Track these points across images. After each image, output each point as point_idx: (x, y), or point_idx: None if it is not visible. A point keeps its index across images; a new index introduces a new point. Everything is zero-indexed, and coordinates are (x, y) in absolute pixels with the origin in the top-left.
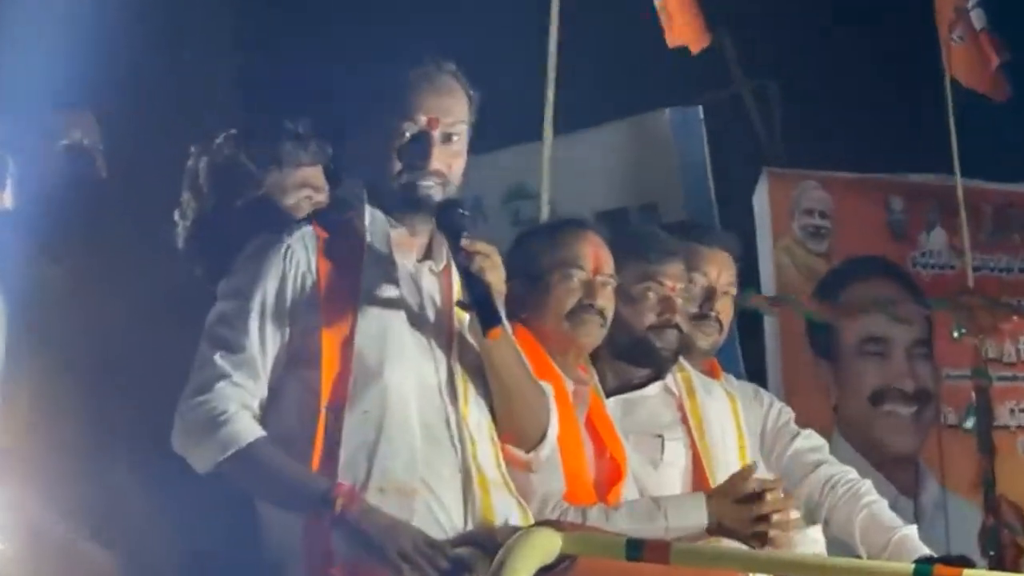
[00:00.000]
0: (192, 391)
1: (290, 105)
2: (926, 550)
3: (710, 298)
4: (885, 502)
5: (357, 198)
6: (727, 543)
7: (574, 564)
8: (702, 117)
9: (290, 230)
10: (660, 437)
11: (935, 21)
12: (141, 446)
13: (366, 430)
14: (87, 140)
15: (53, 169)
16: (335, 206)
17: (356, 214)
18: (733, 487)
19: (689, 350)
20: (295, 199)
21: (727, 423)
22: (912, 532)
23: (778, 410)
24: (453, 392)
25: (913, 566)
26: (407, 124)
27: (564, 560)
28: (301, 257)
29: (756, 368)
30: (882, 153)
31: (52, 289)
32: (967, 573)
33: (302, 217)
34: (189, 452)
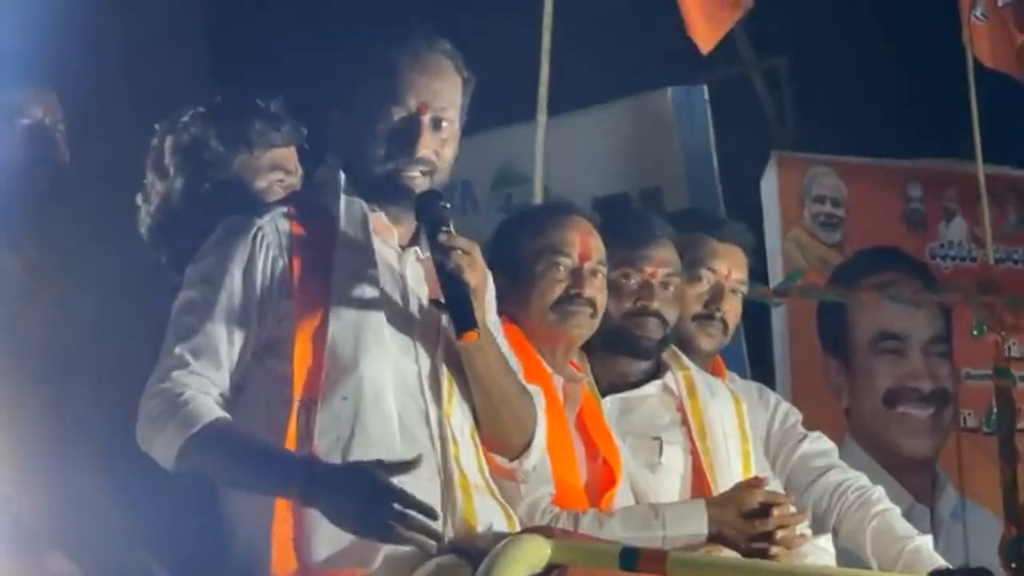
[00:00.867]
0: (151, 382)
1: (264, 83)
2: (942, 561)
3: (716, 297)
4: (898, 510)
5: (333, 180)
6: (728, 553)
7: (564, 574)
8: (707, 97)
9: (260, 212)
10: (658, 440)
11: None
12: (104, 443)
13: (340, 425)
14: (48, 119)
15: (12, 149)
16: (309, 189)
17: (331, 196)
18: (738, 498)
19: (686, 346)
20: (267, 182)
21: (730, 426)
22: (927, 542)
23: (785, 411)
24: (437, 389)
25: None
26: (395, 108)
27: (553, 569)
28: (272, 240)
29: (763, 366)
30: (899, 137)
31: (10, 279)
32: None
33: (274, 200)
34: (151, 444)
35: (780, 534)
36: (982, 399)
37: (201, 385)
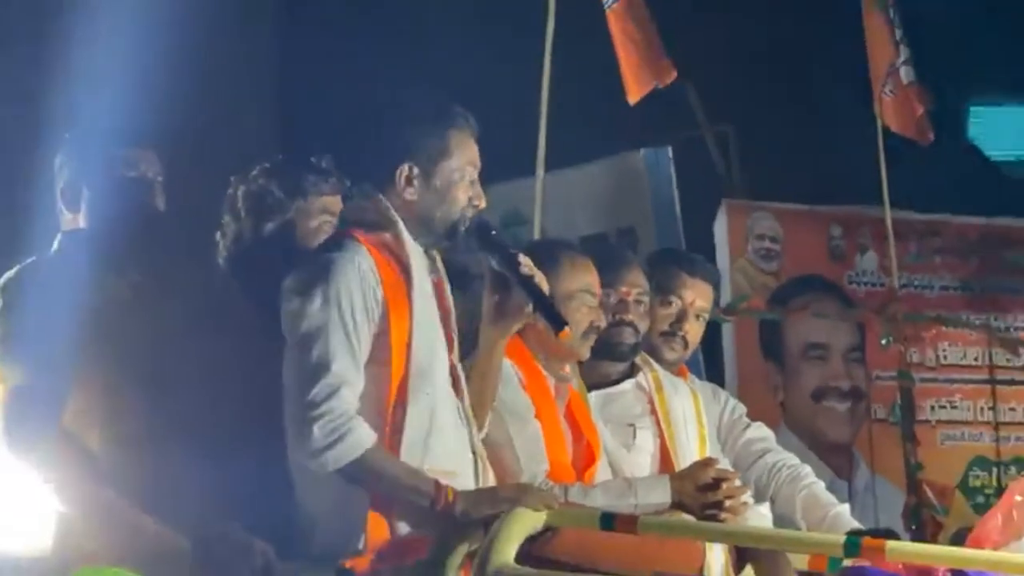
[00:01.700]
0: (313, 398)
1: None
2: (858, 525)
3: (680, 319)
4: (822, 483)
5: (388, 220)
6: (686, 517)
7: (556, 534)
8: (671, 156)
9: (347, 247)
10: (632, 426)
11: (869, 77)
12: (193, 434)
13: (422, 422)
14: (150, 173)
15: (120, 196)
16: (370, 225)
17: (392, 234)
18: (695, 473)
19: (654, 355)
20: (317, 222)
21: (690, 416)
22: (845, 509)
23: (732, 405)
24: (456, 382)
25: (845, 537)
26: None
27: (547, 531)
28: (368, 270)
29: (715, 370)
30: (824, 188)
31: (117, 298)
32: (890, 544)
33: (349, 236)
34: (316, 457)
35: (728, 503)
36: (889, 396)
37: (353, 403)
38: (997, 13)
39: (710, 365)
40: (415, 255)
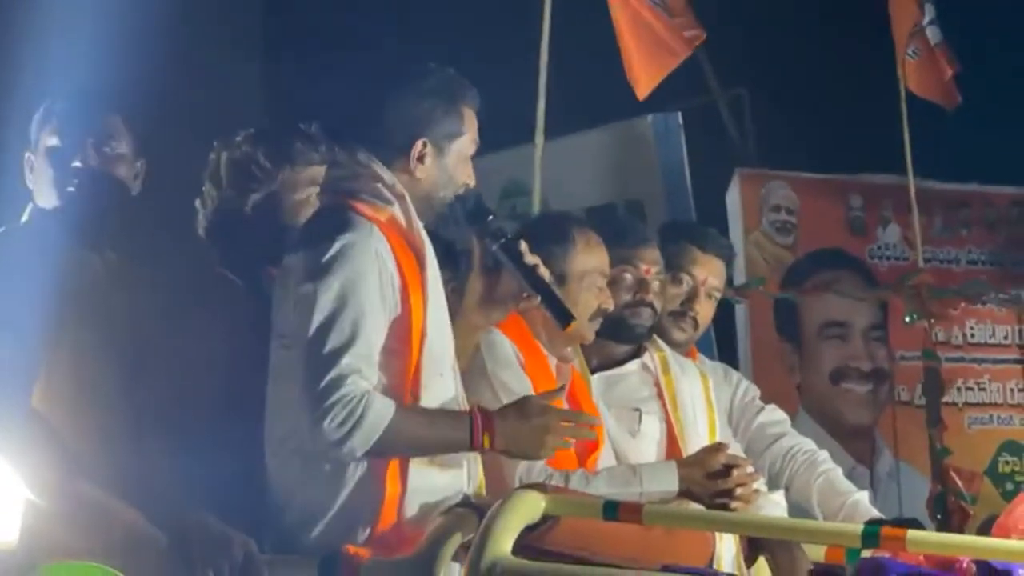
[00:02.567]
0: (325, 386)
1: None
2: (877, 513)
3: (691, 299)
4: (840, 470)
5: (395, 194)
6: (694, 506)
7: (556, 523)
8: (681, 123)
9: (360, 228)
10: (638, 411)
11: (893, 38)
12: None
13: (442, 394)
14: (122, 146)
15: (93, 171)
16: (371, 195)
17: (401, 210)
18: (704, 460)
19: (662, 336)
20: (304, 195)
21: (698, 399)
22: (864, 497)
23: (745, 387)
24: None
25: (863, 527)
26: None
27: (547, 520)
28: (384, 254)
29: (728, 350)
30: (843, 156)
31: (91, 275)
32: (911, 534)
33: (355, 213)
34: (334, 452)
35: (739, 491)
36: (913, 377)
37: (364, 385)
38: None
39: (722, 344)
40: (424, 235)
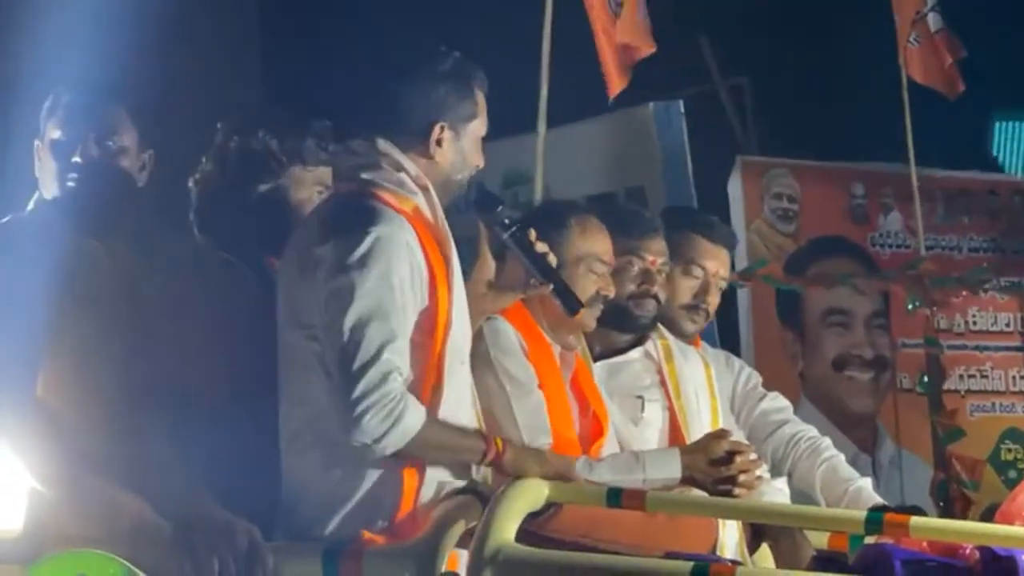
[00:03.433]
0: (367, 382)
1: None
2: (880, 500)
3: (704, 291)
4: (843, 456)
5: (419, 184)
6: (697, 493)
7: (559, 510)
8: (683, 111)
9: (390, 220)
10: (640, 398)
11: (894, 25)
12: (169, 399)
13: (458, 397)
14: (124, 137)
15: (94, 160)
16: (395, 185)
17: (426, 200)
18: (707, 447)
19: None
20: (308, 193)
21: (701, 386)
22: (867, 484)
23: (747, 375)
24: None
25: (866, 513)
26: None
27: (551, 507)
28: (414, 246)
29: (730, 337)
30: (845, 144)
31: (92, 262)
32: (914, 520)
33: (381, 203)
34: (368, 447)
35: (742, 478)
36: (915, 364)
37: (402, 384)
38: None
39: (724, 332)
40: (447, 226)
